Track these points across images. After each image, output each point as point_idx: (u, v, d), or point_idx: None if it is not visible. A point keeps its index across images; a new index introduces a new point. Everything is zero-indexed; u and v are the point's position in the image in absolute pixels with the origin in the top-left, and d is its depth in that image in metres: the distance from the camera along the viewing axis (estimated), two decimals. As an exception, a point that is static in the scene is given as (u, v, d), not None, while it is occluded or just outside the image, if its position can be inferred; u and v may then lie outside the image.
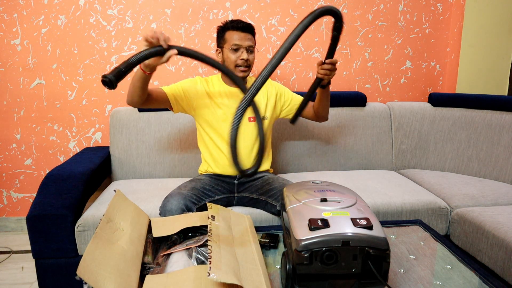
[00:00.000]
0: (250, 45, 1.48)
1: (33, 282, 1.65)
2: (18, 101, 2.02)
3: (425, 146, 2.08)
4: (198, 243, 0.91)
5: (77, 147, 2.11)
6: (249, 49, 1.49)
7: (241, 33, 1.47)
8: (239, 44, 1.46)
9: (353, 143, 2.05)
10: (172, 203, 1.33)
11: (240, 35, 1.47)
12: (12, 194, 2.14)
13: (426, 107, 2.10)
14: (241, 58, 1.47)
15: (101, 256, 0.73)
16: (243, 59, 1.47)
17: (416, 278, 0.90)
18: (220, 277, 0.68)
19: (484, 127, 1.94)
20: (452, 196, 1.66)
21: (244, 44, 1.47)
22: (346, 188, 0.98)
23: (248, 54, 1.48)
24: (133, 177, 1.92)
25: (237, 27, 1.47)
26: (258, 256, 0.87)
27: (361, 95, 2.08)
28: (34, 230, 1.36)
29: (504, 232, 1.31)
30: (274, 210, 1.47)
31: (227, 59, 1.50)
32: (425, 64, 2.29)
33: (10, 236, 2.11)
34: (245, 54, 1.47)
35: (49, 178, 1.51)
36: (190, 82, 1.55)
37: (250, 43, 1.48)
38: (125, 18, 2.00)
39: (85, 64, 2.02)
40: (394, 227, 1.21)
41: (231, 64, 1.48)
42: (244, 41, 1.47)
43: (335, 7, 0.95)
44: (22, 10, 1.94)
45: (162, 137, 1.91)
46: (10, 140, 2.07)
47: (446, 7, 2.23)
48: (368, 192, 1.64)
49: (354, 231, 0.75)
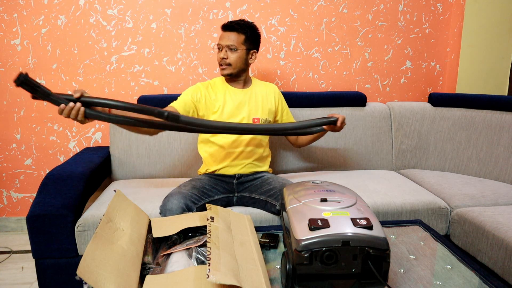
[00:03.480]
0: (230, 44, 1.50)
1: (33, 282, 1.65)
2: (18, 101, 2.02)
3: (425, 146, 2.08)
4: (198, 243, 0.91)
5: (77, 147, 2.11)
6: (230, 47, 1.50)
7: (224, 32, 1.53)
8: (220, 44, 1.52)
9: (353, 143, 2.05)
10: (172, 203, 1.33)
11: (223, 34, 1.53)
12: (12, 194, 2.14)
13: (426, 107, 2.10)
14: (219, 56, 1.52)
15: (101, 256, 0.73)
16: (220, 57, 1.52)
17: (416, 278, 0.90)
18: (220, 278, 0.68)
19: (484, 127, 1.94)
20: (452, 196, 1.66)
21: (223, 43, 1.51)
22: (346, 188, 0.98)
23: (229, 52, 1.51)
24: (133, 177, 1.92)
25: (223, 26, 1.53)
26: (258, 256, 0.87)
27: (361, 95, 2.08)
28: (34, 230, 1.36)
29: (504, 232, 1.31)
30: (274, 210, 1.47)
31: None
32: (425, 64, 2.29)
33: (10, 236, 2.10)
34: (223, 52, 1.51)
35: (49, 178, 1.51)
36: (194, 92, 1.55)
37: (230, 42, 1.50)
38: (125, 18, 2.00)
39: (85, 64, 2.02)
40: (394, 227, 1.21)
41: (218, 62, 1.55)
42: (224, 40, 1.51)
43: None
44: (22, 10, 1.94)
45: (162, 137, 1.91)
46: (10, 140, 2.07)
47: (446, 7, 2.23)
48: (368, 192, 1.64)
49: (354, 231, 0.75)
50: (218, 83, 1.61)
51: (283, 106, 1.70)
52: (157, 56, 2.06)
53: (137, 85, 2.08)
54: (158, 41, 2.04)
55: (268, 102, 1.62)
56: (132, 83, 2.07)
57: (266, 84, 1.68)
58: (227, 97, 1.56)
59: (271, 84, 1.70)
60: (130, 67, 2.05)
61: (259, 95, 1.61)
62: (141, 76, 2.07)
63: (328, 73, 2.21)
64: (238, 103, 1.56)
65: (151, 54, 2.05)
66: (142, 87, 2.08)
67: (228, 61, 1.51)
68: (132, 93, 2.08)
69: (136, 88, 2.08)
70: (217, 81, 1.62)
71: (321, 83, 2.22)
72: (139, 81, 2.08)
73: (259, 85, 1.65)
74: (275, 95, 1.66)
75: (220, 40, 1.52)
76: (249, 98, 1.58)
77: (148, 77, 2.08)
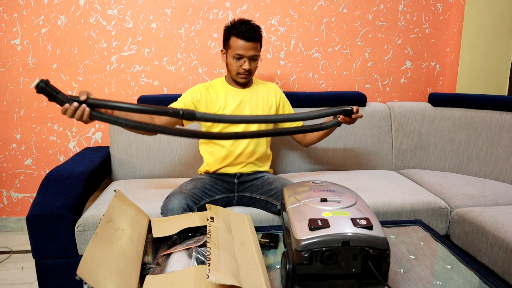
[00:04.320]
0: (253, 55, 1.49)
1: (33, 282, 1.65)
2: (18, 101, 2.02)
3: (425, 146, 2.08)
4: (198, 243, 0.91)
5: (77, 147, 2.11)
6: (253, 57, 1.49)
7: (246, 43, 1.46)
8: (242, 54, 1.47)
9: (353, 143, 2.05)
10: (174, 203, 1.33)
11: (244, 45, 1.46)
12: (12, 194, 2.14)
13: (426, 107, 2.10)
14: (243, 67, 1.48)
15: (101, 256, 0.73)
16: (245, 69, 1.48)
17: (416, 278, 0.90)
18: (219, 279, 0.68)
19: (484, 127, 1.94)
20: (452, 196, 1.66)
21: (247, 54, 1.47)
22: (346, 188, 0.98)
23: (251, 63, 1.50)
24: (133, 177, 1.92)
25: (242, 35, 1.45)
26: (258, 256, 0.87)
27: (361, 95, 2.08)
28: (34, 230, 1.36)
29: (504, 232, 1.31)
30: (274, 209, 1.47)
31: (229, 65, 1.52)
32: (425, 64, 2.29)
33: (10, 236, 2.10)
34: (247, 64, 1.48)
35: (49, 178, 1.51)
36: (194, 92, 1.55)
37: (254, 52, 1.48)
38: (125, 18, 2.00)
39: (85, 64, 2.02)
40: (394, 227, 1.21)
41: (233, 70, 1.52)
42: (247, 51, 1.47)
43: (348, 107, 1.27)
44: (22, 10, 1.94)
45: (162, 137, 1.91)
46: (10, 140, 2.07)
47: (446, 7, 2.23)
48: (368, 192, 1.64)
49: (354, 231, 0.75)
50: (218, 83, 1.61)
51: (285, 103, 1.70)
52: (157, 56, 2.06)
53: (137, 85, 2.07)
54: (158, 41, 2.04)
55: (269, 102, 1.62)
56: (132, 83, 2.07)
57: (267, 84, 1.68)
58: (228, 97, 1.56)
59: (272, 83, 1.70)
60: (130, 67, 2.05)
61: (260, 94, 1.61)
62: (141, 76, 2.07)
63: (328, 73, 2.21)
64: (239, 103, 1.56)
65: (151, 54, 2.05)
66: (142, 87, 2.08)
67: (250, 71, 1.51)
68: (132, 93, 2.08)
69: (136, 88, 2.08)
70: (217, 82, 1.62)
71: (321, 83, 2.22)
72: (139, 81, 2.08)
73: (260, 85, 1.65)
74: (276, 94, 1.66)
75: (244, 51, 1.46)
76: (250, 98, 1.58)
77: (148, 77, 2.08)
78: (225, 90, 1.58)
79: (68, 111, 1.02)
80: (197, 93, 1.54)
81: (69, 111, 1.02)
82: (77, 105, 1.02)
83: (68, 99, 1.01)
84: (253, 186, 1.56)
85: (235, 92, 1.58)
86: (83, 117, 1.03)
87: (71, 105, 1.01)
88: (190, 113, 1.05)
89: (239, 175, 1.58)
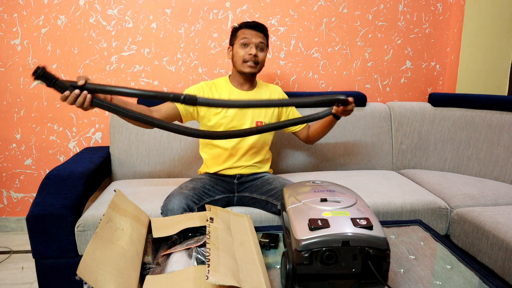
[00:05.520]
0: (260, 42, 1.48)
1: (33, 282, 1.65)
2: (18, 101, 2.02)
3: (425, 146, 2.08)
4: (198, 243, 0.91)
5: (77, 147, 2.11)
6: (259, 45, 1.49)
7: (253, 31, 1.48)
8: (249, 39, 1.47)
9: (353, 143, 2.05)
10: (174, 203, 1.33)
11: (251, 32, 1.48)
12: (12, 194, 2.14)
13: (426, 107, 2.10)
14: (249, 53, 1.47)
15: (101, 256, 0.73)
16: (251, 54, 1.47)
17: (416, 278, 0.90)
18: (219, 279, 0.68)
19: (484, 127, 1.94)
20: (452, 196, 1.66)
21: (254, 40, 1.47)
22: (346, 188, 0.98)
23: (258, 50, 1.49)
24: (133, 177, 1.92)
25: (249, 25, 1.49)
26: (258, 256, 0.87)
27: (361, 95, 2.08)
28: (34, 230, 1.36)
29: (504, 232, 1.31)
30: (274, 209, 1.46)
31: (235, 55, 1.50)
32: (425, 64, 2.29)
33: (10, 236, 2.11)
34: (254, 49, 1.47)
35: (49, 178, 1.51)
36: (197, 90, 1.54)
37: (261, 40, 1.49)
38: (125, 18, 2.00)
39: (85, 64, 2.02)
40: (394, 227, 1.21)
41: (239, 59, 1.49)
42: (255, 38, 1.48)
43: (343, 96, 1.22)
44: (22, 10, 1.94)
45: (162, 137, 1.91)
46: (10, 140, 2.07)
47: (446, 7, 2.23)
48: (368, 192, 1.64)
49: (354, 231, 0.75)
50: (222, 83, 1.59)
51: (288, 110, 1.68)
52: (157, 56, 2.06)
53: (137, 85, 2.08)
54: (158, 41, 2.04)
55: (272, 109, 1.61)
56: (132, 83, 2.07)
57: (271, 86, 1.66)
58: (231, 98, 1.54)
59: (275, 86, 1.69)
60: (130, 67, 2.05)
61: (264, 97, 1.60)
62: (141, 76, 2.07)
63: (328, 73, 2.21)
64: None
65: (151, 54, 2.05)
66: (142, 87, 2.08)
67: (257, 59, 1.49)
68: (132, 93, 2.08)
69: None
70: (220, 82, 1.60)
71: (321, 83, 2.22)
72: (139, 81, 2.08)
73: (264, 86, 1.64)
74: (279, 96, 1.65)
75: (250, 37, 1.47)
76: None
77: (148, 77, 2.08)
78: (229, 91, 1.56)
79: (69, 99, 0.98)
80: (200, 91, 1.54)
81: (70, 98, 0.98)
82: (78, 92, 0.98)
83: (67, 86, 0.98)
84: (253, 186, 1.56)
85: (239, 94, 1.56)
86: (84, 105, 1.00)
87: (72, 92, 0.98)
88: (191, 98, 1.02)
89: (239, 176, 1.58)
